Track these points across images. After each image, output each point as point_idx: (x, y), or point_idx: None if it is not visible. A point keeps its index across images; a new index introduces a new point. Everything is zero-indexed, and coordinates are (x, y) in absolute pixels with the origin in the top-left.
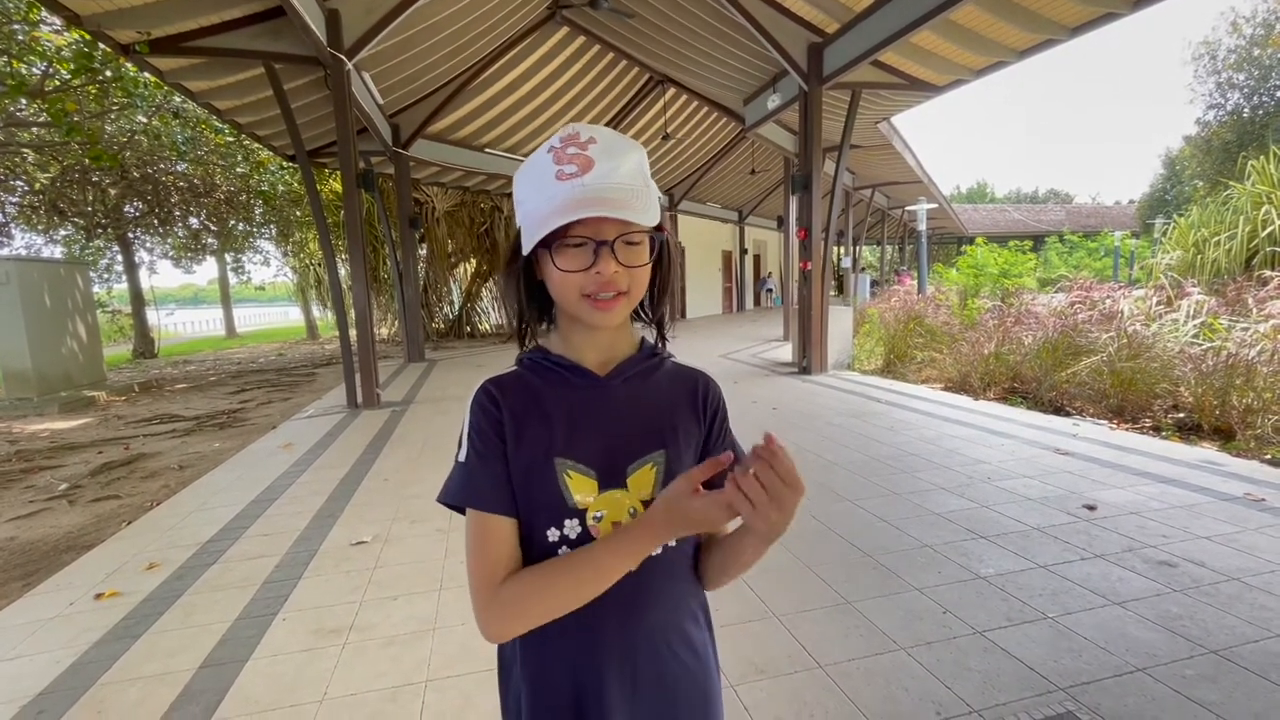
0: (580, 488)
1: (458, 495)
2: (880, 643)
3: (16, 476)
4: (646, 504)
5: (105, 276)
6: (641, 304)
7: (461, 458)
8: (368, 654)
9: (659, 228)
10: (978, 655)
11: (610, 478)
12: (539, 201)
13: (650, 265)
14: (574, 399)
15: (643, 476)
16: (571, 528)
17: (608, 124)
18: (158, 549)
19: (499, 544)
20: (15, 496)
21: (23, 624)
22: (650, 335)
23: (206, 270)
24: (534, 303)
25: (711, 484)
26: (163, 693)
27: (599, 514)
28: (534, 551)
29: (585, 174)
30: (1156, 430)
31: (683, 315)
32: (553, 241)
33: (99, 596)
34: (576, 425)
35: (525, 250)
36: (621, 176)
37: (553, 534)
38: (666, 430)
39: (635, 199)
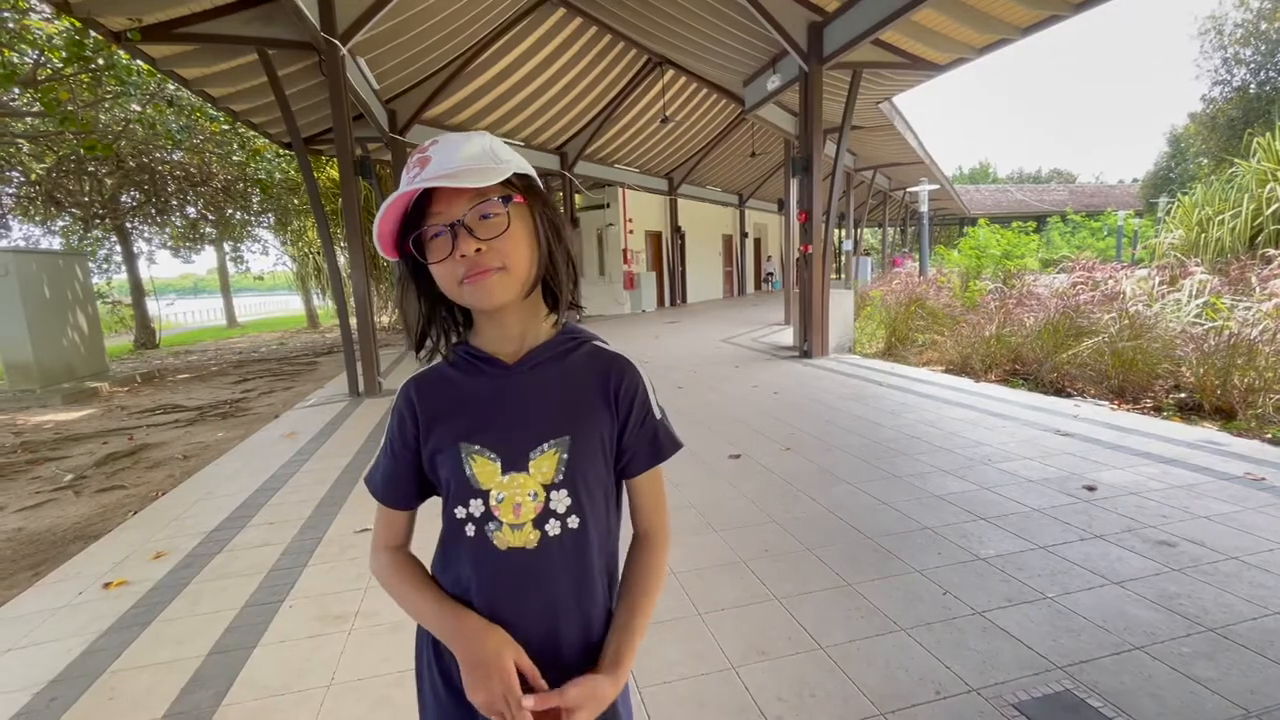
0: (483, 471)
1: (367, 479)
2: (881, 624)
3: (22, 468)
4: (548, 488)
5: (104, 267)
6: (556, 282)
7: (381, 446)
8: (373, 639)
9: (515, 188)
10: (977, 635)
11: (512, 462)
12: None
13: (528, 236)
14: (482, 388)
15: (545, 461)
16: (476, 507)
17: (605, 107)
18: (164, 538)
19: (385, 524)
20: (22, 487)
21: (33, 613)
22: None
23: (206, 260)
24: (443, 308)
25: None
26: (172, 679)
27: (500, 496)
28: (447, 524)
29: (424, 170)
30: (1157, 410)
31: (684, 300)
32: (421, 244)
33: (107, 585)
34: (482, 413)
35: (380, 252)
36: (459, 160)
37: (460, 512)
38: (572, 416)
39: (467, 170)
